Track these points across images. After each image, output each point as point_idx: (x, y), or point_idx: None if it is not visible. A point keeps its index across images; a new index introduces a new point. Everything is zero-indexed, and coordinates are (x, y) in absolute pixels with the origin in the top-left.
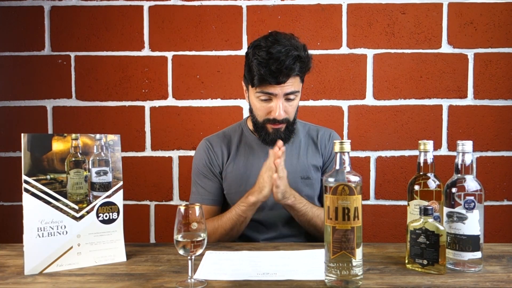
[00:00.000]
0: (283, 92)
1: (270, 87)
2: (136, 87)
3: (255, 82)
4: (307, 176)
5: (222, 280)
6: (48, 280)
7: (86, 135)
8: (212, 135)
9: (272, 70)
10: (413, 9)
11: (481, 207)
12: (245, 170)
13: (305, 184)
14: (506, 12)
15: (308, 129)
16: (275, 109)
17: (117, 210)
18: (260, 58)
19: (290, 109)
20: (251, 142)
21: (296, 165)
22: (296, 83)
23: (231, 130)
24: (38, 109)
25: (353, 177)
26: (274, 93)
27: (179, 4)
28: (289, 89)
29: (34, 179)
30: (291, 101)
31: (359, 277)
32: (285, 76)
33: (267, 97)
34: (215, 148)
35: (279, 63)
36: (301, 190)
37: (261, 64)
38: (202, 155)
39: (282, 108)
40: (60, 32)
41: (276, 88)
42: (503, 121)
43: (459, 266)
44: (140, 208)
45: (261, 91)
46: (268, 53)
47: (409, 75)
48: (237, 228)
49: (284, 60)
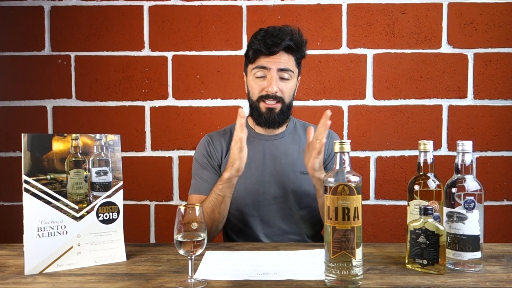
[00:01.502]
0: (276, 67)
1: (264, 60)
2: (136, 87)
3: (250, 55)
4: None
5: (222, 280)
6: (48, 280)
7: (86, 135)
8: (214, 132)
9: (266, 42)
10: (413, 9)
11: (481, 207)
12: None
13: (305, 179)
14: (506, 12)
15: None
16: (268, 83)
17: (117, 210)
18: (258, 36)
19: (284, 89)
20: (250, 137)
21: (297, 160)
22: (290, 62)
23: (233, 127)
24: (38, 109)
25: (353, 177)
26: (268, 67)
27: (179, 4)
28: (283, 65)
29: (34, 179)
30: (286, 80)
31: (359, 277)
32: (277, 45)
33: (262, 73)
34: (215, 142)
35: (274, 36)
36: (300, 185)
37: (258, 40)
38: (202, 149)
39: (276, 83)
40: (60, 32)
41: (269, 61)
42: (503, 121)
43: (459, 266)
44: (140, 208)
45: (256, 67)
46: (266, 31)
47: (409, 75)
48: (218, 210)
49: (278, 34)
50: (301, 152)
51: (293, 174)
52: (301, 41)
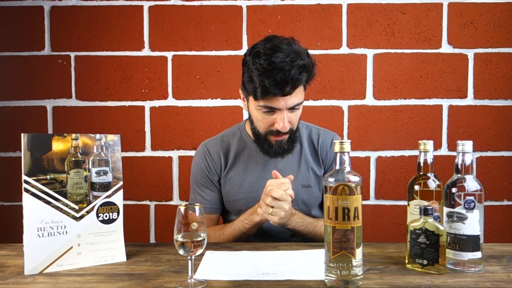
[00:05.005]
0: (287, 106)
1: (274, 101)
2: (136, 87)
3: (258, 95)
4: (308, 184)
5: (222, 280)
6: (48, 280)
7: (86, 135)
8: (210, 140)
9: (277, 81)
10: (413, 9)
11: (481, 207)
12: (244, 178)
13: (305, 192)
14: (506, 12)
15: (310, 132)
16: (279, 121)
17: (117, 210)
18: (261, 68)
19: (294, 119)
20: (250, 149)
21: (298, 173)
22: (300, 93)
23: (230, 134)
24: (38, 109)
25: (353, 177)
26: (279, 108)
27: (179, 4)
28: (294, 102)
29: (34, 179)
30: (295, 110)
31: (359, 277)
32: (292, 88)
33: (269, 110)
34: (213, 155)
35: (284, 73)
36: (300, 198)
37: (264, 74)
38: (200, 163)
39: (287, 120)
40: (60, 32)
41: (280, 102)
42: (503, 121)
43: (459, 266)
44: (140, 208)
45: (265, 105)
46: (270, 62)
47: (409, 75)
48: (238, 241)
49: (290, 70)
50: (302, 164)
51: (294, 188)
52: (313, 69)
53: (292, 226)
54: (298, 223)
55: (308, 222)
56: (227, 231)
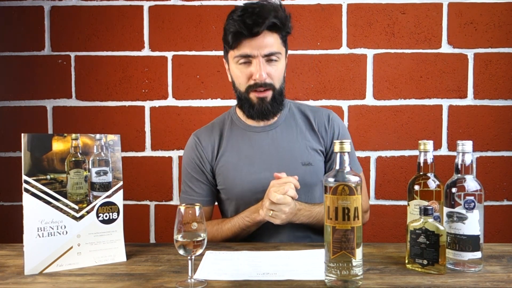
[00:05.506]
0: (261, 53)
1: (247, 45)
2: (136, 87)
3: (230, 40)
4: (308, 162)
5: (222, 280)
6: (48, 280)
7: (86, 135)
8: (201, 128)
9: (246, 22)
10: (413, 9)
11: (481, 207)
12: (238, 161)
13: (307, 171)
14: (506, 12)
15: (303, 110)
16: (255, 71)
17: (117, 210)
18: (234, 16)
19: (273, 73)
20: (242, 130)
21: (296, 150)
22: (276, 43)
23: (220, 120)
24: (38, 109)
25: (353, 177)
26: (252, 54)
27: (179, 4)
28: (268, 50)
29: (34, 179)
30: (274, 62)
31: (359, 277)
32: (259, 25)
33: (245, 60)
34: (203, 143)
35: (252, 12)
36: (303, 178)
37: (236, 20)
38: (191, 153)
39: (263, 68)
40: (60, 32)
41: (252, 45)
42: (503, 121)
43: (459, 266)
44: (140, 208)
45: (240, 55)
46: (243, 9)
47: (409, 75)
48: (237, 238)
49: (259, 11)
50: (300, 140)
51: (293, 166)
52: (285, 16)
53: (300, 222)
54: (305, 217)
55: (316, 212)
56: (225, 226)
